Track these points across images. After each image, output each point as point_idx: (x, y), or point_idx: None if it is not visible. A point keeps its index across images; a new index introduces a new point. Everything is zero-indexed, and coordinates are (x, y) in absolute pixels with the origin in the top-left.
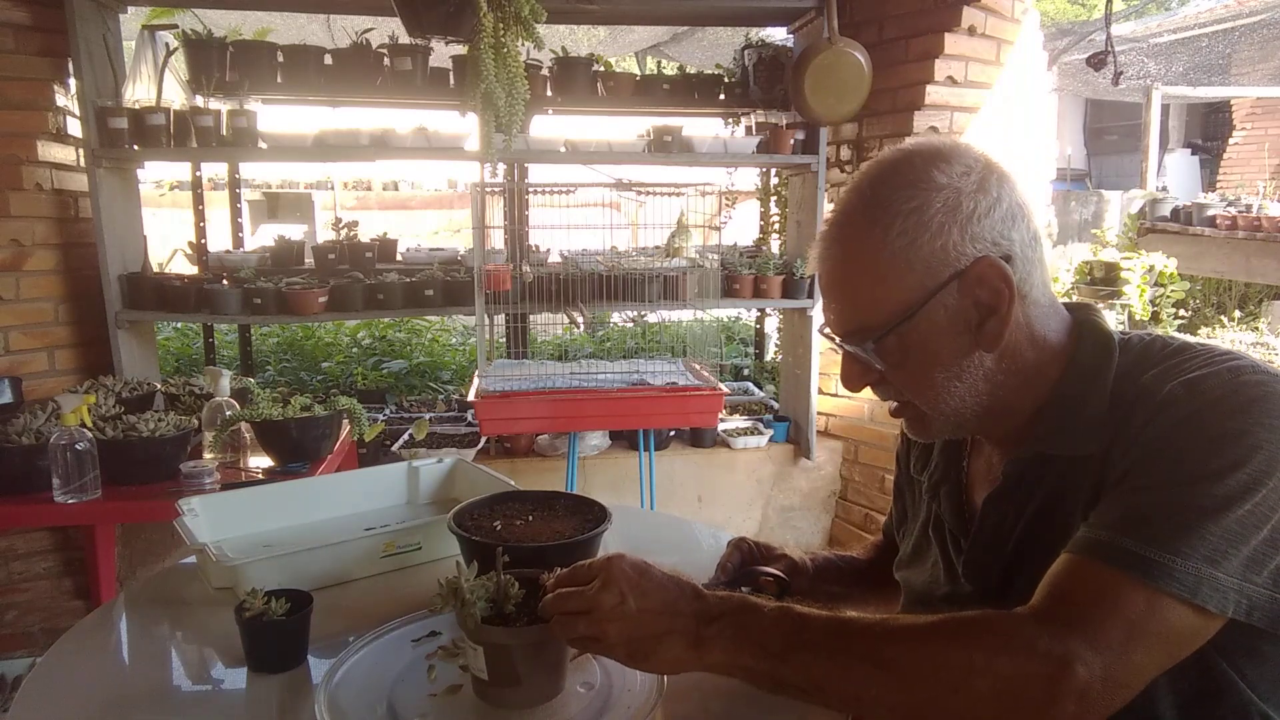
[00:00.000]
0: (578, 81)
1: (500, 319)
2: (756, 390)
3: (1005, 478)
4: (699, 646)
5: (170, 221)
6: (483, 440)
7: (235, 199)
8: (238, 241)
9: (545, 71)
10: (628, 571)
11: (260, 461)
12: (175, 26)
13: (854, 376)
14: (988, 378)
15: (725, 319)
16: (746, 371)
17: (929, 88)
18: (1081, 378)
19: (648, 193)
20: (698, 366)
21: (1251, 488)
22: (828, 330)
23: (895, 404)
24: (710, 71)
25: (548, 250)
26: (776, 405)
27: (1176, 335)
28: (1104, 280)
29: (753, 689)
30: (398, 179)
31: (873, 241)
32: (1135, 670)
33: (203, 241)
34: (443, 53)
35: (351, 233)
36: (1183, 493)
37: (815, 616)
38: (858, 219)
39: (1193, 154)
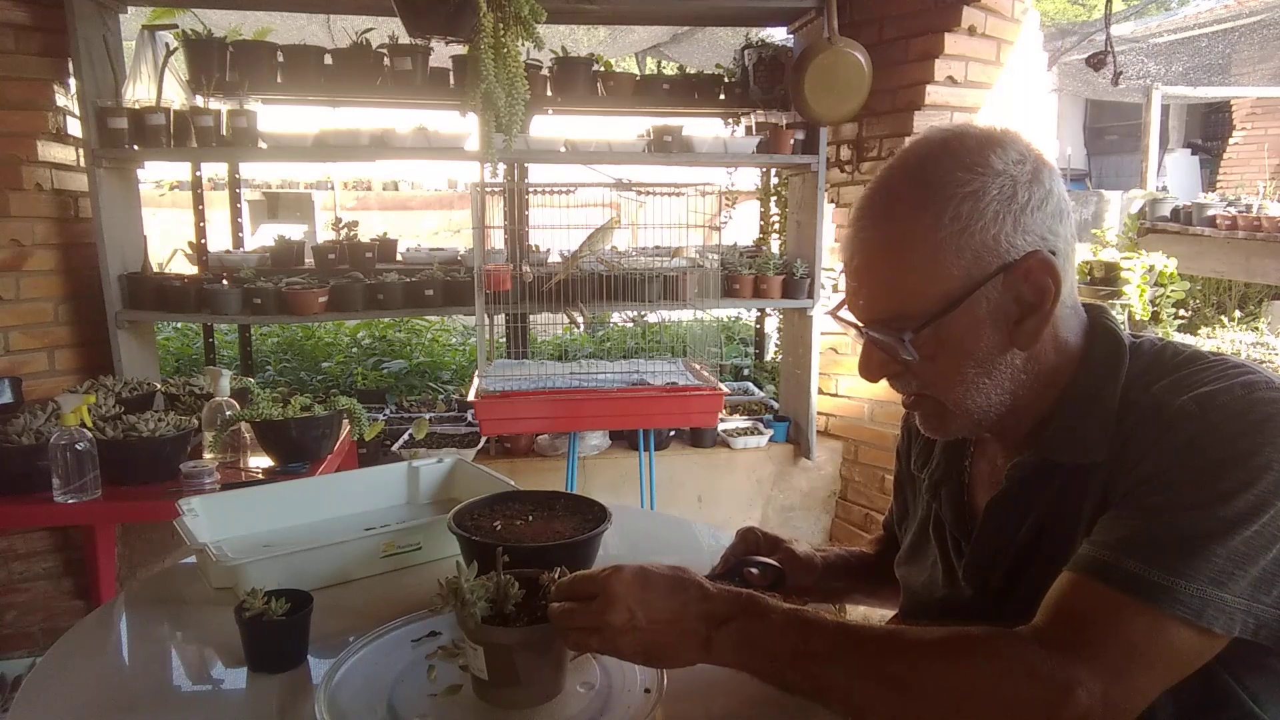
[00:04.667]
0: (578, 81)
1: (500, 319)
2: (756, 390)
3: (1009, 481)
4: (708, 649)
5: (170, 221)
6: (483, 440)
7: (235, 199)
8: (238, 241)
9: (545, 71)
10: (630, 586)
11: (260, 461)
12: (175, 26)
13: (875, 367)
14: (1013, 377)
15: (725, 319)
16: (746, 371)
17: (929, 88)
18: (1092, 383)
19: (648, 193)
20: (698, 366)
21: (1260, 508)
22: (847, 315)
23: (911, 397)
24: (710, 71)
25: (548, 250)
26: (776, 405)
27: (1187, 343)
28: (1104, 280)
29: (755, 689)
30: (398, 179)
31: (922, 225)
32: (1138, 693)
33: (203, 241)
34: (443, 53)
35: (351, 233)
36: (1190, 514)
37: (823, 625)
38: (905, 199)
39: (1193, 154)
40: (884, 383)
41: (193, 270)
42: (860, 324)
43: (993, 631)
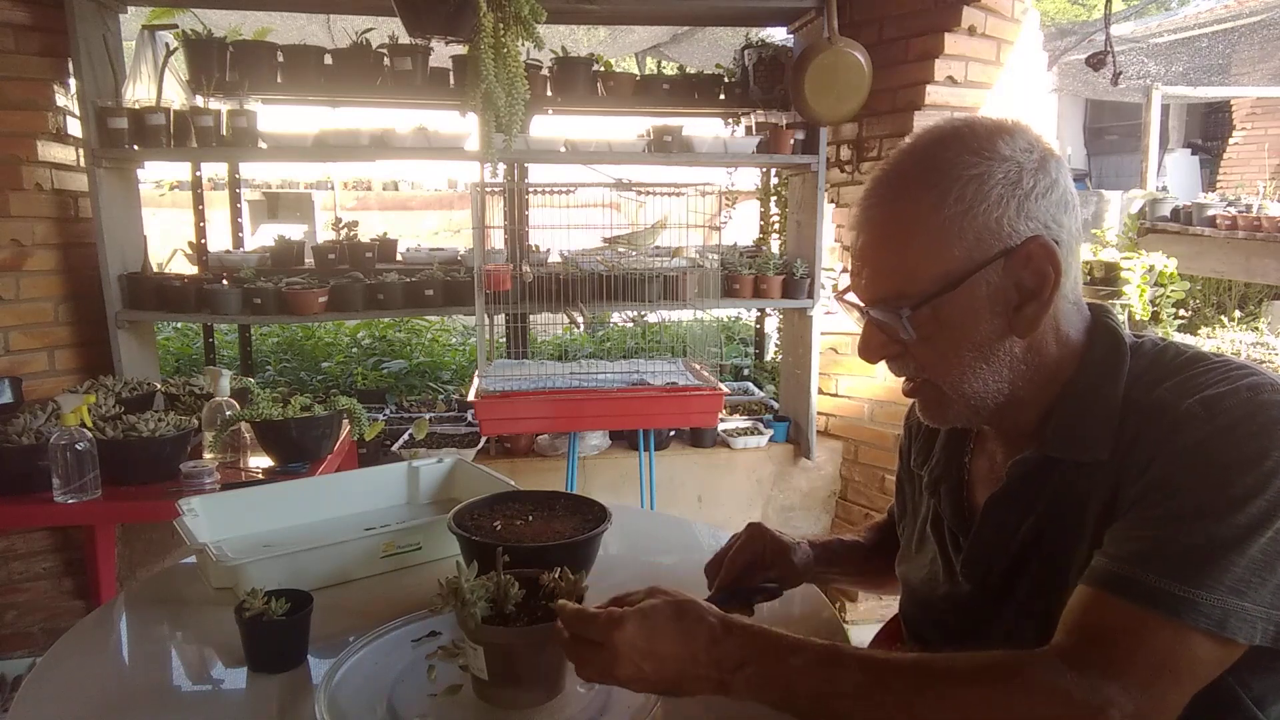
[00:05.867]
0: (578, 81)
1: (500, 319)
2: (756, 390)
3: (1009, 478)
4: (724, 690)
5: (170, 221)
6: (483, 440)
7: (235, 199)
8: (238, 241)
9: (545, 71)
10: (634, 639)
11: (260, 461)
12: (175, 26)
13: (875, 347)
14: (1012, 366)
15: (725, 319)
16: (746, 371)
17: (929, 88)
18: (1092, 380)
19: (648, 193)
20: (698, 366)
21: (1272, 514)
22: (851, 296)
23: (911, 384)
24: (710, 71)
25: (548, 250)
26: (776, 405)
27: (1187, 343)
28: (1104, 280)
29: None
30: (398, 179)
31: (926, 205)
32: (1167, 708)
33: (203, 241)
34: (443, 53)
35: (351, 233)
36: (1205, 523)
37: (846, 661)
38: (912, 180)
39: (1193, 154)
40: (884, 383)
41: (193, 270)
42: (862, 304)
43: (1019, 656)
